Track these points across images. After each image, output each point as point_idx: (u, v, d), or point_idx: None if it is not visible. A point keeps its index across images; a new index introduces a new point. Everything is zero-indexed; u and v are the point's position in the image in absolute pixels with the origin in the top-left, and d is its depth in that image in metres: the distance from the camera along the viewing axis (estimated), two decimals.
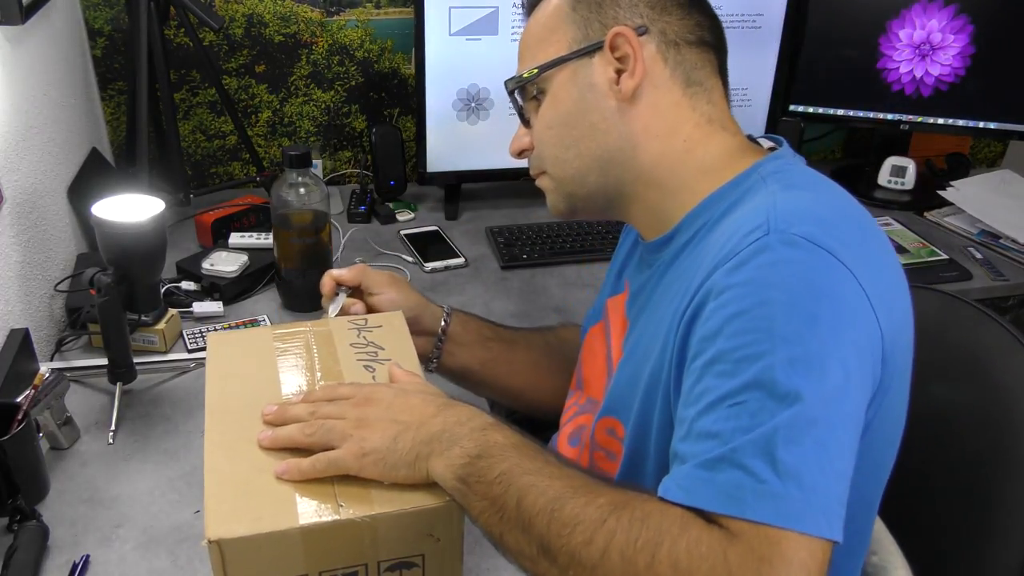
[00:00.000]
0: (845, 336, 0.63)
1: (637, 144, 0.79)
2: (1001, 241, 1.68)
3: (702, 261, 0.71)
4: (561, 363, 1.05)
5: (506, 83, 0.88)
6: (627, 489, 0.65)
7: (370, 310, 0.98)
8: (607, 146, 0.80)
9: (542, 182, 0.88)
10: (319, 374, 0.81)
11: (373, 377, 0.81)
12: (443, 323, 1.02)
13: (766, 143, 0.84)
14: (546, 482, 0.65)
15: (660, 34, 0.79)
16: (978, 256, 1.64)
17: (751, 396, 0.60)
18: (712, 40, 0.81)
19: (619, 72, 0.79)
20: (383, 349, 0.86)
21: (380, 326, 0.90)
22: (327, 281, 0.98)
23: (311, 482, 0.69)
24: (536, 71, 0.83)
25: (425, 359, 1.01)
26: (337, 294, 0.97)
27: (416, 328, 0.98)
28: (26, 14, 1.18)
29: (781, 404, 0.59)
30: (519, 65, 0.87)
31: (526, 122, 0.88)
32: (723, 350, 0.63)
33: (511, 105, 0.91)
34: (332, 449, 0.71)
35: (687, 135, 0.79)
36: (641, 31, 0.78)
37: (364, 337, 0.88)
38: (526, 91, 0.87)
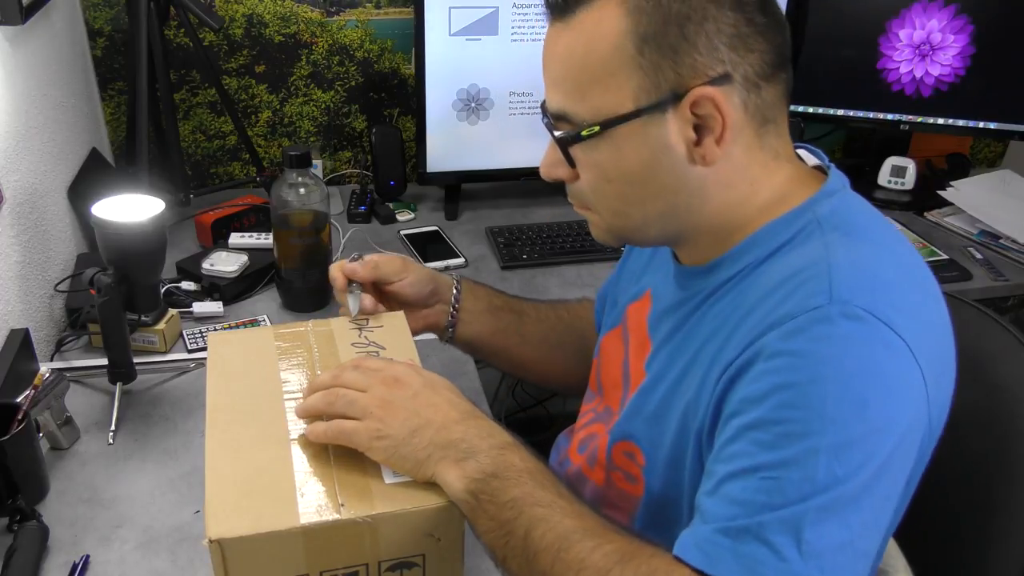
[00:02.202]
0: (894, 420, 0.62)
1: (706, 196, 0.72)
2: (1001, 241, 1.68)
3: (749, 306, 0.68)
4: (573, 340, 1.04)
5: (550, 128, 0.75)
6: (636, 540, 0.65)
7: (390, 297, 0.97)
8: (675, 203, 0.73)
9: (587, 215, 0.79)
10: (320, 373, 0.81)
11: None
12: (454, 291, 1.01)
13: (809, 159, 0.80)
14: (557, 518, 0.66)
15: (743, 79, 0.68)
16: (978, 256, 1.64)
17: (787, 475, 0.59)
18: (786, 58, 0.72)
19: (697, 127, 0.69)
20: (384, 349, 0.86)
21: (381, 326, 0.90)
22: (338, 276, 0.94)
23: (312, 481, 0.69)
24: (598, 128, 0.70)
25: (441, 330, 1.01)
26: (351, 291, 0.94)
27: (434, 299, 0.99)
28: (26, 14, 1.18)
29: (817, 487, 0.59)
30: (555, 90, 0.73)
31: (569, 159, 0.75)
32: (766, 419, 0.61)
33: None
34: (349, 419, 0.72)
35: (754, 177, 0.73)
36: (723, 80, 0.67)
37: (366, 337, 0.88)
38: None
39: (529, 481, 0.68)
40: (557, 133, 0.73)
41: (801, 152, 0.80)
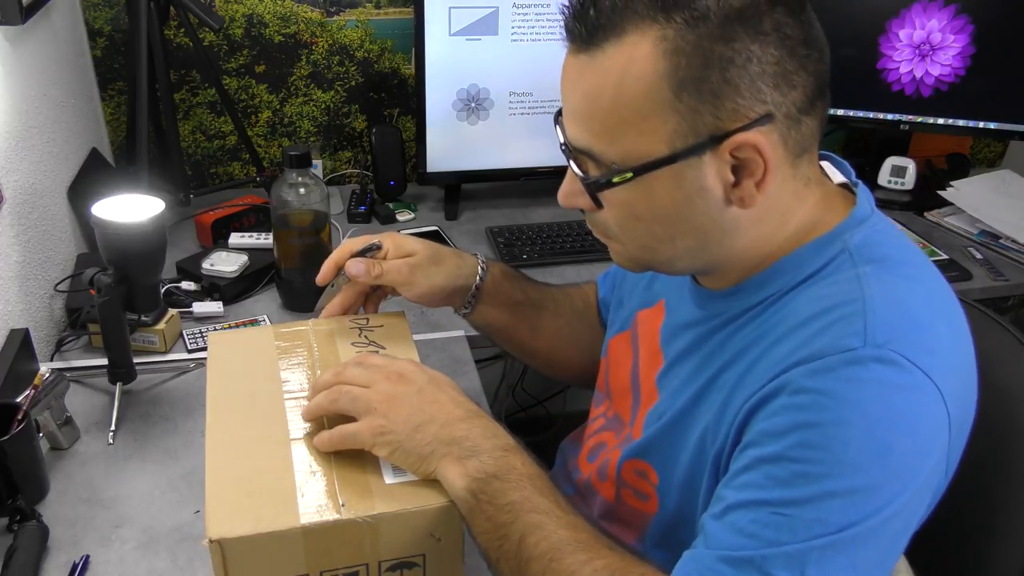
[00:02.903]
0: (915, 468, 0.61)
1: (739, 233, 0.69)
2: (1001, 241, 1.68)
3: (777, 336, 0.67)
4: (583, 332, 1.03)
5: (573, 161, 0.70)
6: (628, 556, 0.66)
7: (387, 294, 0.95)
8: (706, 240, 0.70)
9: (608, 243, 0.76)
10: (320, 372, 0.81)
11: None
12: (478, 279, 0.96)
13: (834, 174, 0.77)
14: (552, 527, 0.66)
15: (784, 117, 0.64)
16: (978, 256, 1.64)
17: (800, 514, 0.59)
18: (825, 84, 0.67)
19: (735, 168, 0.65)
20: (384, 349, 0.86)
21: (381, 326, 0.90)
22: (330, 267, 0.91)
23: (312, 481, 0.69)
24: (631, 175, 0.66)
25: (456, 309, 0.98)
26: (333, 284, 0.90)
27: (452, 294, 0.94)
28: (26, 14, 1.18)
29: (828, 529, 0.59)
30: (579, 126, 0.68)
31: (596, 200, 0.70)
32: (784, 455, 0.61)
33: (559, 139, 0.73)
34: (353, 417, 0.72)
35: (786, 207, 0.70)
36: (765, 120, 0.63)
37: (366, 336, 0.87)
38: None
39: (529, 486, 0.68)
40: (582, 173, 0.69)
41: (825, 165, 0.76)
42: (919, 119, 1.80)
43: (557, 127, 0.73)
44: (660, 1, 0.62)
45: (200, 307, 1.33)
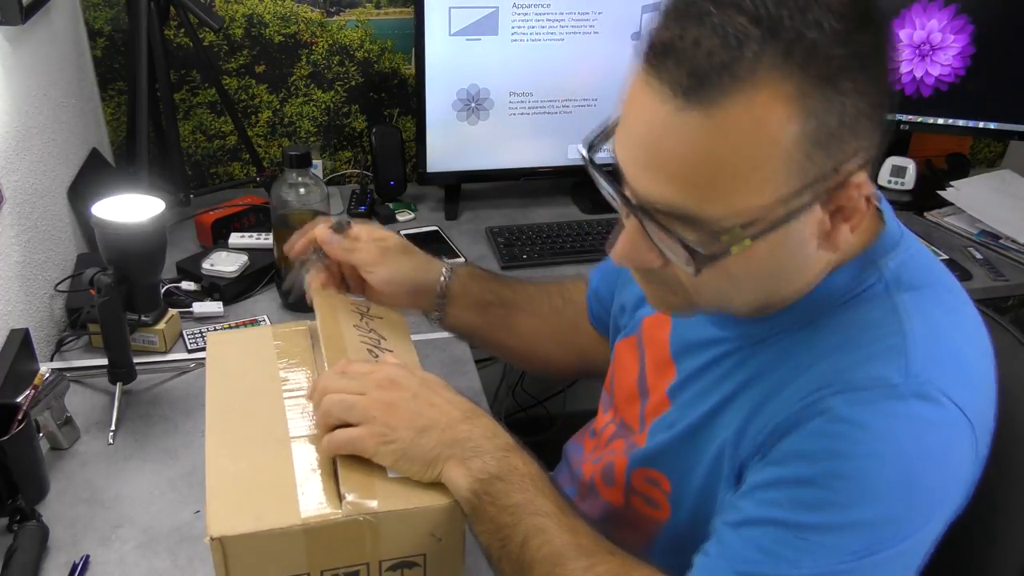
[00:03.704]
0: (940, 503, 0.62)
1: (809, 268, 0.66)
2: (1001, 241, 1.68)
3: (809, 359, 0.65)
4: (563, 328, 1.02)
5: (654, 221, 0.60)
6: (629, 561, 0.66)
7: (362, 284, 0.93)
8: (781, 283, 0.66)
9: (656, 290, 0.70)
10: (326, 363, 0.80)
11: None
12: (443, 279, 0.94)
13: None
14: (554, 530, 0.66)
15: (875, 154, 0.61)
16: (978, 256, 1.64)
17: (820, 539, 0.59)
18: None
19: (833, 213, 0.61)
20: (385, 339, 0.85)
21: (381, 317, 0.90)
22: (302, 242, 0.89)
23: (313, 480, 0.69)
24: (750, 243, 0.58)
25: (426, 315, 0.97)
26: (307, 259, 0.87)
27: (417, 297, 0.94)
28: (26, 14, 1.18)
29: (845, 556, 0.59)
30: (671, 184, 0.58)
31: (698, 268, 0.61)
32: (812, 480, 0.60)
33: (594, 176, 0.66)
34: (349, 425, 0.70)
35: (843, 238, 0.65)
36: (868, 163, 0.60)
37: (367, 323, 0.87)
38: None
39: (531, 487, 0.68)
40: (667, 231, 0.60)
41: None
42: (919, 119, 1.80)
43: (598, 173, 0.65)
44: (790, 49, 0.53)
45: (200, 307, 1.33)
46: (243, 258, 1.41)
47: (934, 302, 0.66)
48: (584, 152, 0.67)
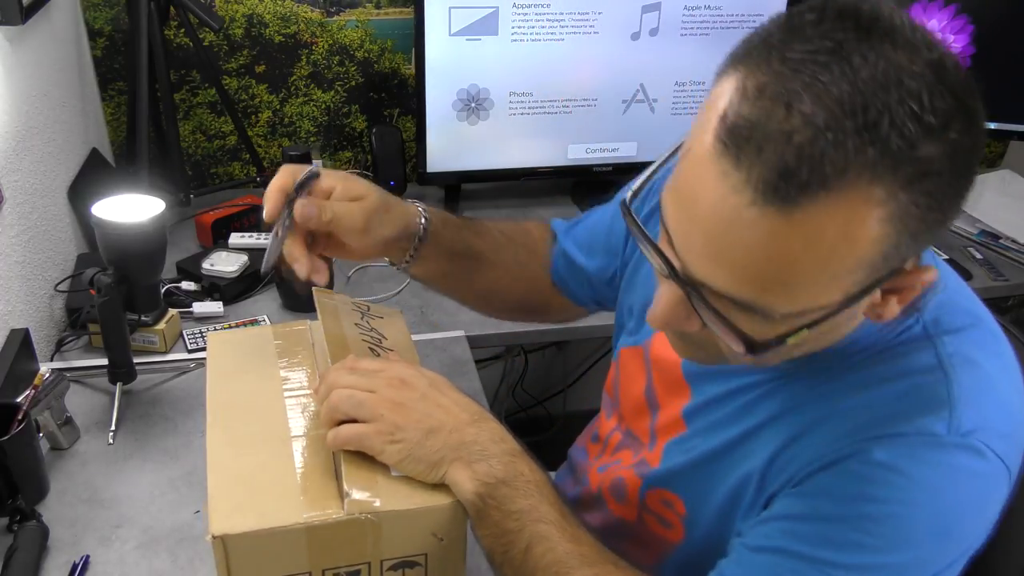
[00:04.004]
0: (970, 547, 0.62)
1: (846, 328, 0.64)
2: (1001, 241, 1.68)
3: (844, 400, 0.63)
4: (521, 284, 0.97)
5: (745, 338, 0.57)
6: (631, 573, 0.66)
7: (331, 243, 0.81)
8: (819, 344, 0.64)
9: (689, 347, 0.68)
10: (330, 360, 0.80)
11: None
12: (422, 229, 0.86)
13: None
14: (558, 538, 0.66)
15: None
16: (978, 256, 1.65)
17: None
18: None
19: (885, 292, 0.58)
20: (386, 338, 0.85)
21: (381, 316, 0.90)
22: (277, 198, 0.76)
23: (315, 478, 0.69)
24: (806, 331, 0.56)
25: (394, 264, 0.88)
26: (276, 234, 0.77)
27: (395, 243, 0.83)
28: (26, 14, 1.18)
29: None
30: (737, 278, 0.54)
31: (752, 352, 0.58)
32: (844, 519, 0.60)
33: (630, 227, 0.61)
34: (355, 421, 0.70)
35: (891, 311, 0.62)
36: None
37: (367, 321, 0.87)
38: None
39: (536, 494, 0.68)
40: (721, 316, 0.56)
41: None
42: None
43: (642, 235, 0.59)
44: (886, 148, 0.48)
45: (200, 307, 1.33)
46: (243, 258, 1.41)
47: (977, 346, 0.64)
48: (627, 203, 0.61)
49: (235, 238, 1.50)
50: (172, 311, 1.26)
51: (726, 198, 0.51)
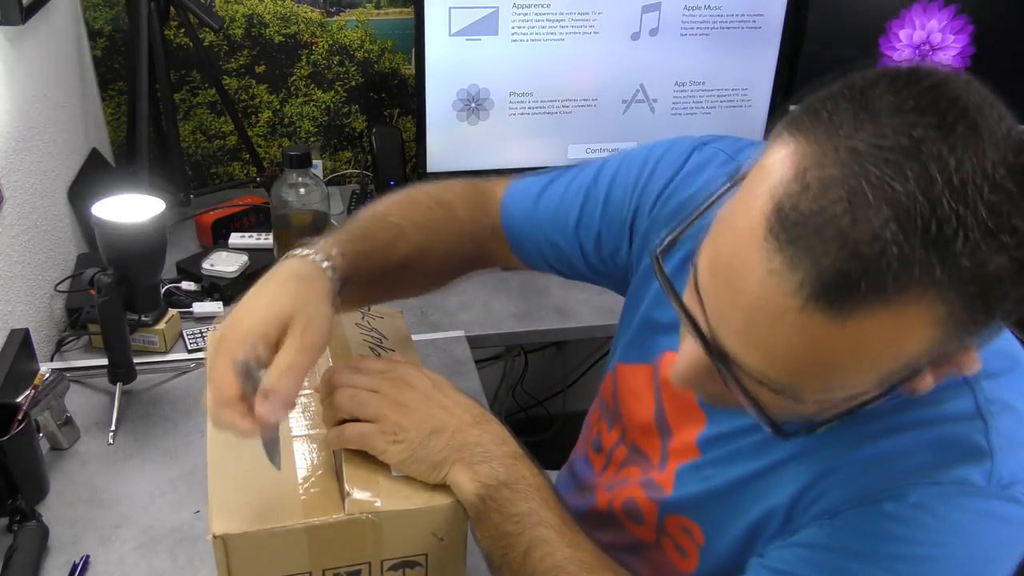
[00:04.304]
0: None
1: None
2: None
3: (878, 443, 0.62)
4: (460, 253, 0.89)
5: (773, 425, 0.55)
6: None
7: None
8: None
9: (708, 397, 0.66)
10: (330, 359, 0.80)
11: None
12: (337, 282, 0.73)
13: None
14: (557, 543, 0.66)
15: None
16: None
17: None
18: None
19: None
20: (386, 338, 0.85)
21: (382, 317, 0.89)
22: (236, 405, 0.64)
23: (316, 478, 0.69)
24: (835, 421, 0.55)
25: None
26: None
27: (325, 313, 0.70)
28: (26, 14, 1.18)
29: None
30: (789, 376, 0.51)
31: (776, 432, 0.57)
32: (871, 556, 0.59)
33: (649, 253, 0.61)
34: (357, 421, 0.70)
35: (924, 385, 0.60)
36: None
37: (368, 322, 0.87)
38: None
39: (537, 498, 0.68)
40: (764, 410, 0.54)
41: None
42: None
43: (675, 298, 0.56)
44: (955, 264, 0.44)
45: (200, 307, 1.33)
46: (243, 258, 1.41)
47: (1016, 391, 0.62)
48: (658, 258, 0.57)
49: (235, 238, 1.50)
50: (172, 311, 1.26)
51: (774, 297, 0.47)
